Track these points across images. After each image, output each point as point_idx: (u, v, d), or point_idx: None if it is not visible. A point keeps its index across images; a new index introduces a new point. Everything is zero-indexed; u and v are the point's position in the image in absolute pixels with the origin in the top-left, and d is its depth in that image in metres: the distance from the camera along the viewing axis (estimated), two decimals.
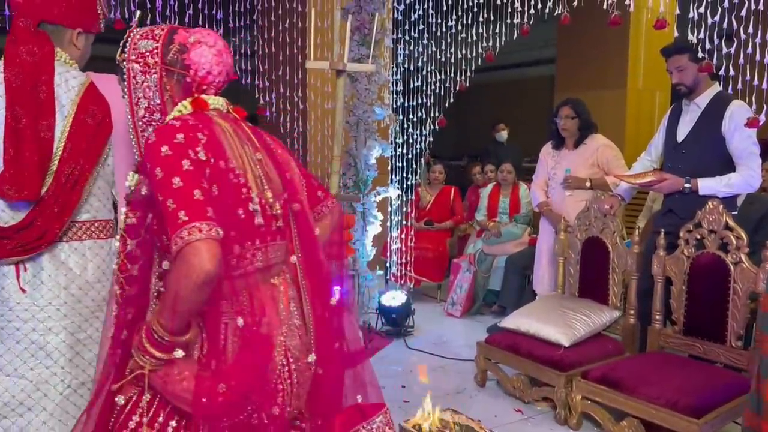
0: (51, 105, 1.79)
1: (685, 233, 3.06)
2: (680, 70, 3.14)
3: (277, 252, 1.48)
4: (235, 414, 1.33)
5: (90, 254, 1.88)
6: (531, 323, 3.30)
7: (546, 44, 9.12)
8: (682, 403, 2.56)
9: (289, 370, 1.42)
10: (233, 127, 1.45)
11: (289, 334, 1.45)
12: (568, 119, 3.87)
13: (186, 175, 1.27)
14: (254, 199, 1.40)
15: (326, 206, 1.68)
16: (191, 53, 1.43)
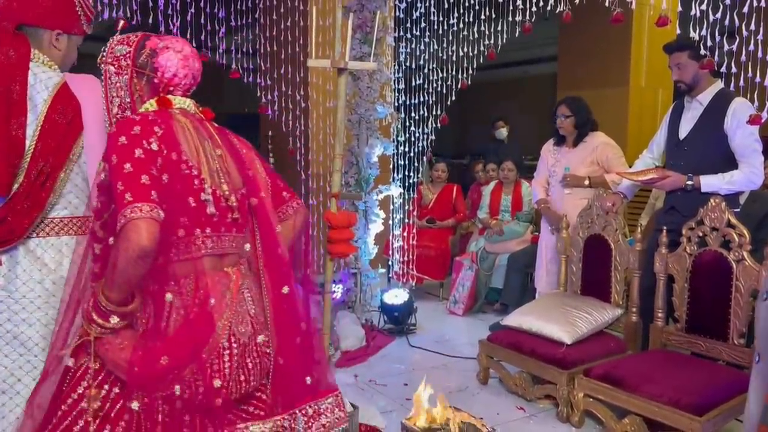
0: (23, 105, 1.85)
1: (687, 231, 3.05)
2: (680, 67, 3.14)
3: (233, 243, 1.60)
4: (166, 386, 1.44)
5: (66, 250, 1.91)
6: (533, 321, 3.30)
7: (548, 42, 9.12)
8: (685, 400, 2.55)
9: (231, 353, 1.52)
10: (194, 125, 1.59)
11: (238, 320, 1.55)
12: (565, 118, 3.87)
13: (136, 162, 1.41)
14: (207, 189, 1.53)
15: (291, 207, 1.78)
16: (159, 57, 1.59)
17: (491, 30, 3.72)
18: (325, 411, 1.68)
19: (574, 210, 3.71)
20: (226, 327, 1.52)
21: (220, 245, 1.57)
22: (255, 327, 1.59)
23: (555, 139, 4.03)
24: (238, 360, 1.53)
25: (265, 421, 1.58)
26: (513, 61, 12.84)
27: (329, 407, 1.69)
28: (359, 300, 4.40)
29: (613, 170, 3.78)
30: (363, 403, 3.12)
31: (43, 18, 1.89)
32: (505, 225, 4.94)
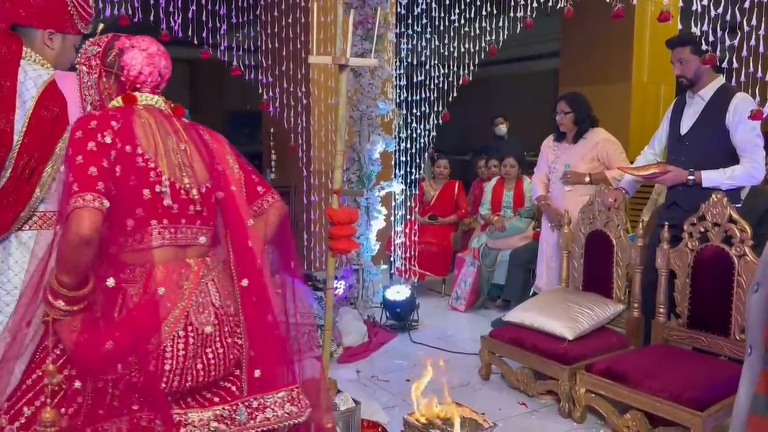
0: (12, 101, 1.90)
1: (688, 226, 3.05)
2: (682, 62, 3.14)
3: (197, 234, 1.66)
4: (111, 370, 1.51)
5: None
6: (535, 317, 3.30)
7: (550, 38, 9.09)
8: (686, 395, 2.56)
9: (186, 342, 1.57)
10: (157, 120, 1.65)
11: (198, 310, 1.61)
12: (564, 114, 3.87)
13: (87, 154, 1.49)
14: (164, 182, 1.58)
15: (266, 201, 1.82)
16: (125, 56, 1.66)
17: (492, 26, 3.72)
18: (273, 405, 1.69)
19: (575, 207, 3.70)
20: (181, 316, 1.57)
21: (181, 236, 1.63)
22: (221, 318, 1.64)
23: (555, 135, 4.03)
24: (194, 349, 1.58)
25: (204, 410, 1.62)
26: (515, 57, 12.81)
27: (279, 401, 1.69)
28: (361, 296, 4.41)
29: (613, 166, 3.78)
30: (365, 398, 3.12)
31: (34, 18, 1.94)
32: (507, 221, 4.94)
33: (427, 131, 4.55)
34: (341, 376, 3.52)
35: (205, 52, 3.63)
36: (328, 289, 2.41)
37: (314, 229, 5.01)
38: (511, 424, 2.97)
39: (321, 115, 4.91)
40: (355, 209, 2.75)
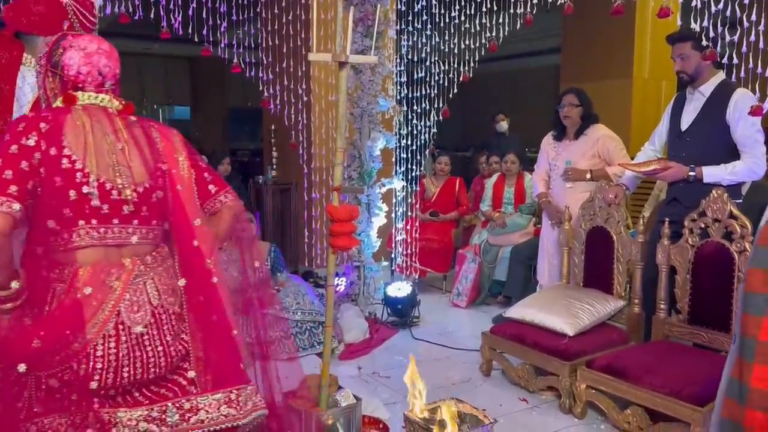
0: (9, 104, 1.98)
1: (689, 222, 3.05)
2: (683, 58, 3.14)
3: (133, 234, 1.67)
4: (39, 367, 1.54)
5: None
6: (536, 313, 3.31)
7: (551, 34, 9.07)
8: (686, 391, 2.56)
9: (118, 341, 1.59)
10: (94, 120, 1.65)
11: (132, 309, 1.62)
12: (572, 107, 3.85)
13: (7, 157, 1.52)
14: (91, 183, 1.59)
15: (218, 200, 1.81)
16: (64, 56, 1.68)
17: (493, 22, 3.71)
18: (207, 407, 1.67)
19: (576, 203, 3.70)
20: (111, 315, 1.59)
21: (112, 236, 1.64)
22: (158, 317, 1.65)
23: (555, 132, 4.02)
24: (128, 347, 1.60)
25: (133, 409, 1.62)
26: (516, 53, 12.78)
27: (214, 403, 1.68)
28: (362, 293, 4.41)
29: (614, 163, 3.77)
30: (366, 395, 3.13)
31: (35, 25, 2.01)
32: (508, 217, 4.94)
33: (427, 128, 4.55)
34: (342, 372, 3.53)
35: (206, 50, 3.64)
36: (328, 285, 2.42)
37: (315, 226, 5.01)
38: (511, 420, 2.98)
39: (321, 112, 4.91)
40: (356, 206, 2.75)
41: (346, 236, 2.29)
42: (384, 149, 4.32)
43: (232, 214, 1.83)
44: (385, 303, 4.41)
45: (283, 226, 5.95)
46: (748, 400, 1.08)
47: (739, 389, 1.11)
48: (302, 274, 5.26)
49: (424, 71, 4.43)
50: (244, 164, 10.51)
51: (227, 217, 1.82)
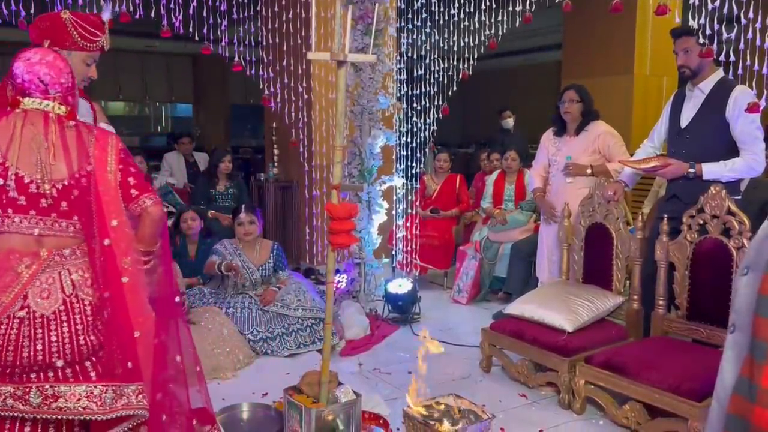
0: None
1: (687, 218, 3.06)
2: (686, 52, 3.13)
3: (53, 226, 1.83)
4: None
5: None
6: (535, 309, 3.32)
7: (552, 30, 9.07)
8: (685, 387, 2.58)
9: (21, 323, 1.75)
10: (28, 122, 1.83)
11: (39, 295, 1.77)
12: (573, 103, 3.85)
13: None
14: (10, 176, 1.78)
15: (140, 204, 1.94)
16: (13, 66, 1.87)
17: (492, 20, 3.72)
18: (67, 395, 1.80)
19: (576, 199, 3.71)
20: (17, 298, 1.75)
21: (28, 226, 1.81)
22: (70, 306, 1.80)
23: (555, 128, 4.02)
24: (30, 330, 1.76)
25: (4, 385, 1.78)
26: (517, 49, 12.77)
27: (76, 395, 1.80)
28: (363, 290, 4.43)
29: (614, 159, 3.78)
30: (367, 391, 3.16)
31: (42, 38, 2.20)
32: (509, 214, 4.95)
33: (427, 125, 4.56)
34: (343, 368, 3.55)
35: (206, 48, 3.65)
36: (328, 283, 2.44)
37: (316, 223, 5.03)
38: (511, 416, 3.00)
39: (322, 110, 4.92)
40: (355, 204, 2.77)
41: (345, 234, 2.31)
42: (384, 147, 4.33)
43: (150, 219, 1.95)
44: (386, 300, 4.42)
45: (284, 223, 5.97)
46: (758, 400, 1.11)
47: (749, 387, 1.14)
48: (304, 271, 5.28)
49: (423, 69, 4.43)
50: (247, 162, 10.52)
51: (146, 221, 1.95)
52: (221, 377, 3.36)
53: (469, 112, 16.82)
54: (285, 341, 3.71)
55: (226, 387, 3.27)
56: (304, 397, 2.46)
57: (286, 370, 3.47)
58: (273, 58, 4.49)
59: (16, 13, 3.11)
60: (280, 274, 4.07)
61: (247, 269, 3.83)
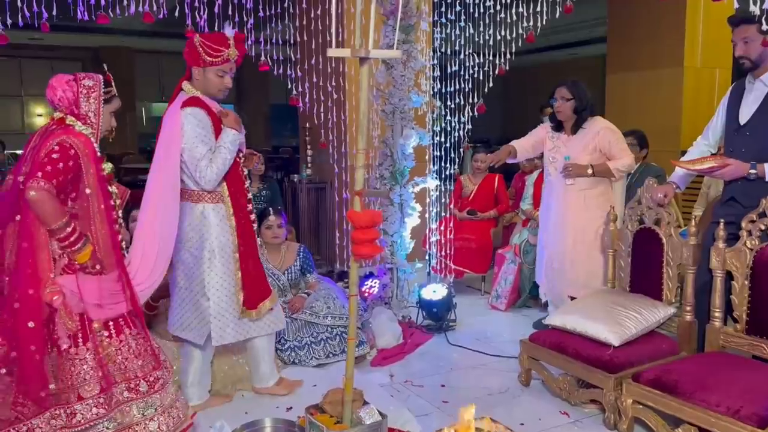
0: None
1: (747, 223, 2.80)
2: (746, 42, 2.87)
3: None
4: None
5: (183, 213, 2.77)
6: (578, 320, 3.10)
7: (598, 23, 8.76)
8: (746, 410, 2.34)
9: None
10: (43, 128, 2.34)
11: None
12: (564, 101, 3.63)
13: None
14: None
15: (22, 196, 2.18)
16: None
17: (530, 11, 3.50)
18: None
19: (577, 200, 3.59)
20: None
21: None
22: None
23: (552, 124, 3.80)
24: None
25: None
26: (560, 43, 12.45)
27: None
28: (396, 296, 4.27)
29: (615, 157, 3.58)
30: (397, 405, 3.01)
31: (188, 63, 2.82)
32: None
33: (461, 124, 4.36)
34: (374, 380, 3.41)
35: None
36: (352, 295, 2.28)
37: (347, 227, 4.89)
38: None
39: (353, 109, 4.77)
40: (378, 211, 2.61)
41: (369, 243, 2.15)
42: (417, 147, 4.16)
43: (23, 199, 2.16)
44: (420, 306, 4.25)
45: (318, 225, 5.86)
46: None
47: None
48: (337, 274, 5.15)
49: (458, 65, 4.23)
50: (286, 161, 10.50)
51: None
52: (246, 389, 3.24)
53: (511, 109, 16.50)
54: (313, 350, 3.58)
55: (250, 400, 3.16)
56: (326, 417, 2.32)
57: (314, 381, 3.33)
58: (302, 57, 4.36)
59: (38, 14, 3.06)
60: (308, 277, 3.93)
61: (272, 275, 3.71)
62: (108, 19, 3.20)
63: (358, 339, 3.59)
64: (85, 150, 2.24)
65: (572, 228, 3.70)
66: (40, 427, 2.14)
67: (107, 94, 2.38)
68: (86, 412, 2.18)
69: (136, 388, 2.27)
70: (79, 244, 2.21)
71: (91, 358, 2.22)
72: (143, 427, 2.26)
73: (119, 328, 2.29)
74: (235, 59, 2.77)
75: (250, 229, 2.91)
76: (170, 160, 2.66)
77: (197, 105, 2.75)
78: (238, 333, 2.92)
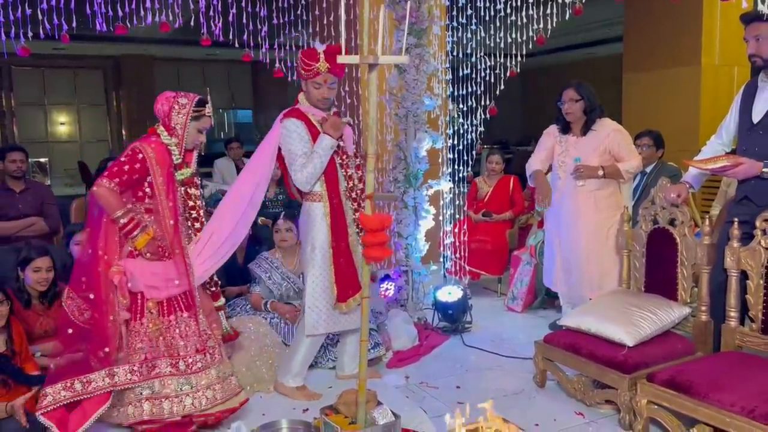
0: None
1: (762, 222, 2.78)
2: (758, 39, 2.85)
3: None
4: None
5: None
6: (592, 321, 3.11)
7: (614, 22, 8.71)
8: (761, 410, 2.32)
9: None
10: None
11: None
12: (573, 102, 3.64)
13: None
14: None
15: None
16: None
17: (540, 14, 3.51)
18: None
19: (588, 202, 3.59)
20: None
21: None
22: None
23: (560, 126, 3.79)
24: None
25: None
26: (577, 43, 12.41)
27: None
28: (411, 298, 4.30)
29: (623, 159, 3.59)
30: (412, 406, 3.04)
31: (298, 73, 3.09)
32: None
33: (474, 126, 4.38)
34: (389, 381, 3.44)
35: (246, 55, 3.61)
36: (364, 298, 2.32)
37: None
38: None
39: (366, 113, 4.82)
40: (389, 215, 2.66)
41: (379, 246, 2.19)
42: (430, 150, 4.18)
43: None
44: (435, 308, 4.27)
45: None
46: None
47: None
48: None
49: (470, 67, 4.25)
50: None
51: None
52: (264, 390, 3.29)
53: (530, 110, 16.44)
54: (330, 352, 3.62)
55: (267, 401, 3.20)
56: (341, 417, 2.36)
57: (330, 383, 3.38)
58: None
59: (58, 27, 3.15)
60: None
61: (287, 279, 3.76)
62: (126, 29, 3.28)
63: (374, 341, 3.62)
64: (156, 156, 2.65)
65: (584, 229, 3.70)
66: (95, 381, 2.55)
67: (197, 113, 2.74)
68: (123, 376, 2.59)
69: (176, 365, 2.66)
70: (135, 232, 2.61)
71: (143, 331, 2.64)
72: (179, 401, 2.64)
73: (171, 309, 2.68)
74: (326, 71, 2.95)
75: (344, 228, 3.10)
76: (259, 161, 3.01)
77: (293, 116, 3.03)
78: (329, 325, 3.15)
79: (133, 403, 2.64)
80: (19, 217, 4.37)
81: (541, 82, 14.37)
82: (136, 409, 2.64)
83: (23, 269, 3.13)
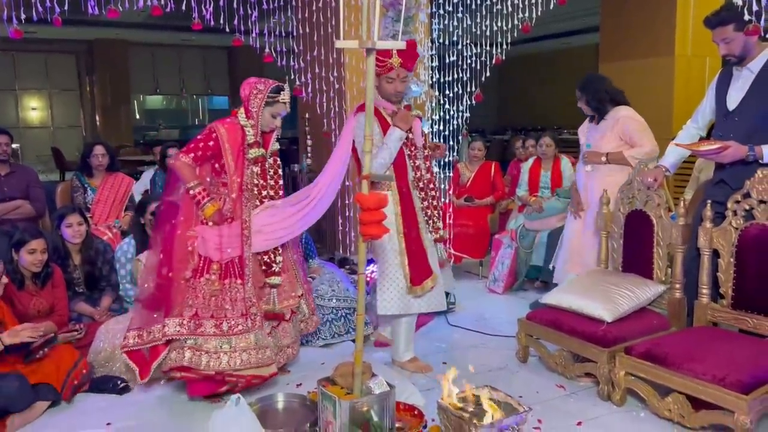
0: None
1: (732, 204, 2.95)
2: (727, 42, 2.98)
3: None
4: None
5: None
6: (573, 299, 3.25)
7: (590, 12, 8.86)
8: (730, 378, 2.49)
9: None
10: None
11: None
12: (581, 101, 3.86)
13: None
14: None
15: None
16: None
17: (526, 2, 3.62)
18: None
19: (597, 186, 3.71)
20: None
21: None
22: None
23: (589, 117, 3.98)
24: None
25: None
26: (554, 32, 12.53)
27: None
28: None
29: (636, 145, 3.72)
30: (401, 381, 3.14)
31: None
32: (546, 201, 4.85)
33: (460, 112, 4.48)
34: (378, 359, 3.54)
35: (237, 40, 3.65)
36: (360, 273, 2.42)
37: (349, 213, 5.01)
38: (549, 407, 2.94)
39: (354, 99, 4.88)
40: (385, 194, 2.75)
41: (375, 225, 2.28)
42: None
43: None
44: None
45: None
46: None
47: None
48: (338, 261, 5.28)
49: (456, 55, 4.35)
50: (283, 152, 10.57)
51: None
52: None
53: (506, 99, 16.60)
54: (320, 331, 3.71)
55: None
56: (337, 388, 2.45)
57: (321, 360, 3.47)
58: (304, 48, 4.47)
59: (50, 9, 3.15)
60: (310, 262, 4.07)
61: None
62: (118, 13, 3.30)
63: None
64: (228, 136, 2.93)
65: (589, 213, 3.88)
66: (152, 332, 2.95)
67: (272, 99, 2.98)
68: (172, 327, 2.92)
69: (219, 326, 2.92)
70: (203, 202, 2.90)
71: (199, 289, 2.94)
72: (216, 357, 2.88)
73: (227, 273, 2.97)
74: (398, 66, 3.12)
75: (413, 215, 3.29)
76: (337, 152, 3.16)
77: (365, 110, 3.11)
78: (401, 306, 3.28)
79: (177, 350, 2.91)
80: (5, 200, 4.36)
81: (518, 72, 14.52)
82: (178, 355, 2.90)
83: (17, 251, 3.16)
